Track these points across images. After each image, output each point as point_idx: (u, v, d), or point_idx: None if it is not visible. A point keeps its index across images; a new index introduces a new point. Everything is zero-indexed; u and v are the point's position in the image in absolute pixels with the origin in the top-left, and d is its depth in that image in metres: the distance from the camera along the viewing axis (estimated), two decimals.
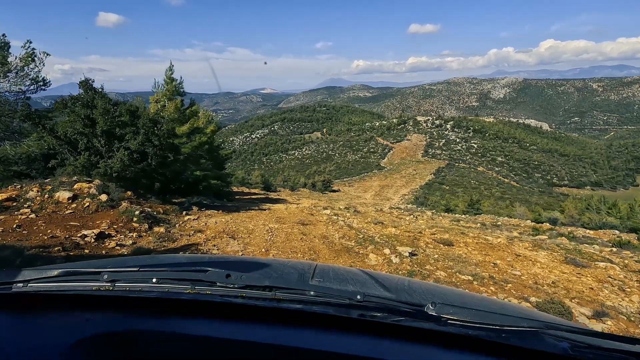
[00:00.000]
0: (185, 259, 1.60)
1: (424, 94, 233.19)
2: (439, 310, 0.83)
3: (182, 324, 0.82)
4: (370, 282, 1.14)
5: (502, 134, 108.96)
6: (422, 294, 1.11)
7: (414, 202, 45.00)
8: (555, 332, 0.81)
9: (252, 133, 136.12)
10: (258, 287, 0.92)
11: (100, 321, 0.82)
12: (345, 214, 11.95)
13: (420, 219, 14.83)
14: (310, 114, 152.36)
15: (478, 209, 28.96)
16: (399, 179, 75.82)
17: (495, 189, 70.64)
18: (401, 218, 13.47)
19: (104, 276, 0.93)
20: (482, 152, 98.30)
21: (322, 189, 52.40)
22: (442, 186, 70.09)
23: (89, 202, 6.27)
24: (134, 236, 5.48)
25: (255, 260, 1.44)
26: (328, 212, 11.74)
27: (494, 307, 1.11)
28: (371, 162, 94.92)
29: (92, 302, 0.89)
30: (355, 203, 39.60)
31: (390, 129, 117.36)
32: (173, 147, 10.34)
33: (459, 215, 25.24)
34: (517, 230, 13.89)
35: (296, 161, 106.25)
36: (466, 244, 7.85)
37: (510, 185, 79.44)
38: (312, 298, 0.89)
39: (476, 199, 28.79)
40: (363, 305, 0.87)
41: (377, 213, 14.64)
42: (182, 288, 0.91)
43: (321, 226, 8.38)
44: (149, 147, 8.06)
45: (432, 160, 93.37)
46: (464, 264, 5.79)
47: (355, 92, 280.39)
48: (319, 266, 1.28)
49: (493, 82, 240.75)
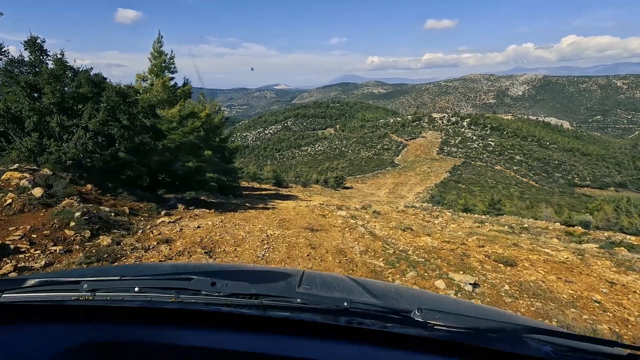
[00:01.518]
0: (169, 267, 1.47)
1: (440, 91, 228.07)
2: (425, 316, 0.83)
3: (166, 333, 0.79)
4: (357, 289, 1.15)
5: (520, 131, 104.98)
6: (408, 299, 1.12)
7: (430, 200, 42.60)
8: (538, 336, 0.81)
9: (265, 129, 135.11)
10: (244, 295, 0.89)
11: (81, 332, 0.78)
12: (364, 216, 9.97)
13: (440, 219, 12.84)
14: (324, 110, 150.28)
15: (499, 209, 26.60)
16: (413, 176, 73.42)
17: (513, 189, 67.54)
18: (428, 221, 11.42)
19: (83, 285, 0.89)
20: (499, 150, 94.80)
21: (335, 186, 50.49)
22: (458, 185, 67.55)
23: (12, 199, 4.47)
24: (56, 251, 3.64)
25: (241, 268, 1.51)
26: (343, 213, 9.81)
27: (479, 312, 1.13)
28: (385, 159, 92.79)
29: (72, 313, 0.86)
30: (369, 201, 37.63)
31: (405, 125, 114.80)
32: (154, 131, 8.53)
33: (480, 216, 23.11)
34: (548, 234, 11.84)
35: (309, 157, 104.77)
36: (531, 263, 5.80)
37: (529, 184, 76.11)
38: (299, 305, 0.87)
39: (497, 199, 26.35)
40: (350, 312, 0.85)
41: (399, 214, 12.61)
42: (166, 297, 0.88)
43: (335, 233, 6.45)
44: (114, 128, 6.23)
45: (448, 158, 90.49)
46: (556, 304, 3.79)
47: (369, 89, 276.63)
48: (306, 273, 1.27)
49: (511, 78, 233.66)
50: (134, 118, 6.73)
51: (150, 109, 8.44)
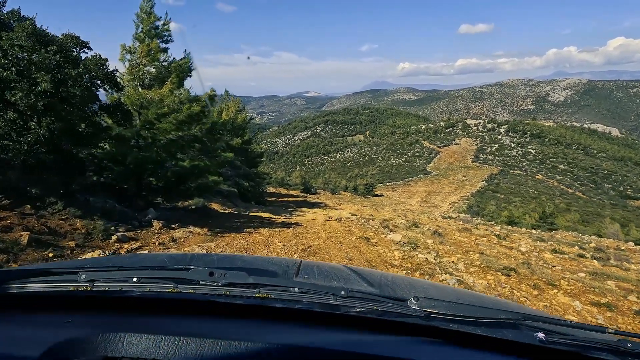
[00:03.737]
0: (167, 258, 1.44)
1: (474, 97, 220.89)
2: (421, 304, 0.84)
3: (165, 323, 0.80)
4: (354, 278, 1.16)
5: (564, 139, 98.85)
6: (404, 288, 1.12)
7: (467, 210, 40.30)
8: (531, 323, 0.83)
9: (295, 135, 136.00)
10: (242, 285, 0.90)
11: (81, 322, 0.78)
12: (425, 241, 8.04)
13: (500, 239, 11.25)
14: (353, 116, 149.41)
15: (552, 223, 24.27)
16: (447, 185, 70.44)
17: (558, 200, 63.02)
18: (511, 248, 9.20)
19: (82, 276, 0.89)
20: (540, 158, 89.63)
21: (365, 193, 49.16)
22: (496, 194, 64.18)
23: None
24: None
25: (238, 258, 1.39)
26: (397, 237, 7.93)
27: (473, 300, 1.13)
28: (416, 166, 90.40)
29: (70, 303, 0.87)
30: (401, 209, 35.98)
31: (437, 132, 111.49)
32: (121, 111, 6.98)
33: (529, 230, 21.01)
34: (633, 258, 9.97)
35: (337, 164, 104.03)
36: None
37: (576, 196, 70.85)
38: (297, 294, 0.88)
39: (550, 212, 24.04)
40: (347, 300, 0.86)
41: (464, 235, 10.53)
42: (164, 287, 0.88)
43: None
44: (19, 92, 4.57)
45: (484, 166, 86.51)
46: None
47: (400, 95, 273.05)
48: (303, 263, 1.27)
49: (552, 83, 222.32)
50: (73, 81, 5.04)
51: (107, 76, 6.44)
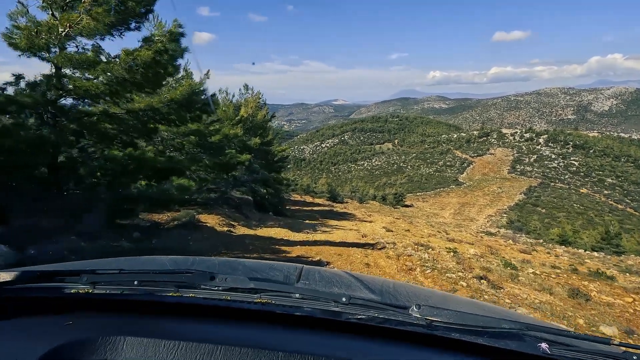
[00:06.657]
0: (169, 261, 1.42)
1: (509, 106, 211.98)
2: (423, 312, 0.83)
3: (165, 327, 0.80)
4: (355, 285, 1.15)
5: (611, 150, 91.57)
6: (406, 296, 1.12)
7: (508, 226, 36.89)
8: (535, 333, 0.82)
9: (322, 142, 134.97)
10: (243, 290, 0.89)
11: (81, 325, 0.78)
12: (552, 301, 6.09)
13: (561, 259, 8.93)
14: (382, 124, 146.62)
15: (618, 245, 21.06)
16: (481, 196, 66.45)
17: (608, 216, 57.58)
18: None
19: (83, 278, 0.89)
20: (585, 171, 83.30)
21: (394, 203, 46.69)
22: (536, 208, 59.72)
23: None
24: None
25: (240, 263, 1.42)
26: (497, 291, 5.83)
27: (476, 309, 1.13)
28: (448, 176, 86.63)
29: (71, 305, 0.85)
30: (434, 222, 33.38)
31: (470, 141, 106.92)
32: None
33: (593, 253, 18.13)
34: None
35: (365, 172, 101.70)
36: None
37: (627, 212, 64.73)
38: (298, 300, 0.87)
39: (615, 232, 20.89)
40: (349, 307, 0.85)
41: (547, 272, 8.48)
42: (165, 290, 0.88)
43: None
44: None
45: (521, 178, 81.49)
46: None
47: (430, 104, 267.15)
48: (305, 268, 1.28)
49: (595, 92, 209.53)
50: None
51: None
